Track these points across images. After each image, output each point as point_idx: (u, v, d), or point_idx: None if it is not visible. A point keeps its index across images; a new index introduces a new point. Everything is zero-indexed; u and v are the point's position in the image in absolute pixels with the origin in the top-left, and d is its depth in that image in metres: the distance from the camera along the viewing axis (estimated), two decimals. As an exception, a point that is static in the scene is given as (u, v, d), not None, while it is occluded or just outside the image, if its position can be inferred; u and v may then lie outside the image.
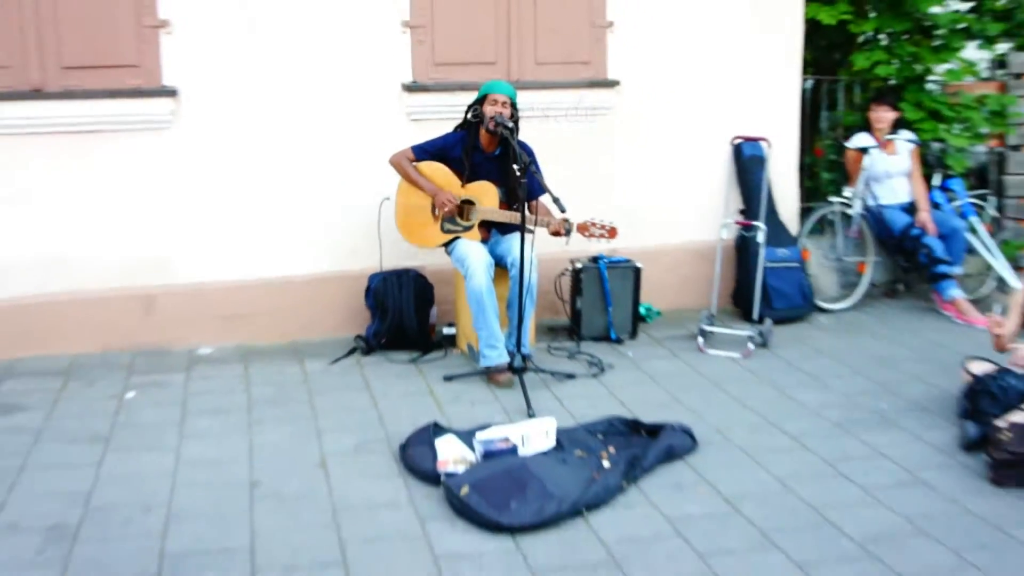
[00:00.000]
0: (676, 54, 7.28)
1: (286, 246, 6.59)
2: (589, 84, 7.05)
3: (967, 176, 8.64)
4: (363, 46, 6.58)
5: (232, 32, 6.35)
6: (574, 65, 7.02)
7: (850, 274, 7.94)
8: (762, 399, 5.75)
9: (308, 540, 4.01)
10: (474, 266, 5.89)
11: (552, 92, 6.92)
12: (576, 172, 6.88)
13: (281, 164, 6.51)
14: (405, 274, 6.49)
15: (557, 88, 6.95)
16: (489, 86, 6.08)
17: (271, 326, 6.57)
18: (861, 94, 8.58)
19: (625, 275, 6.81)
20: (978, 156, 9.01)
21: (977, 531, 4.25)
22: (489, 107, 6.00)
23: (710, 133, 7.46)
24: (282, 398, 5.60)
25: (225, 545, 3.96)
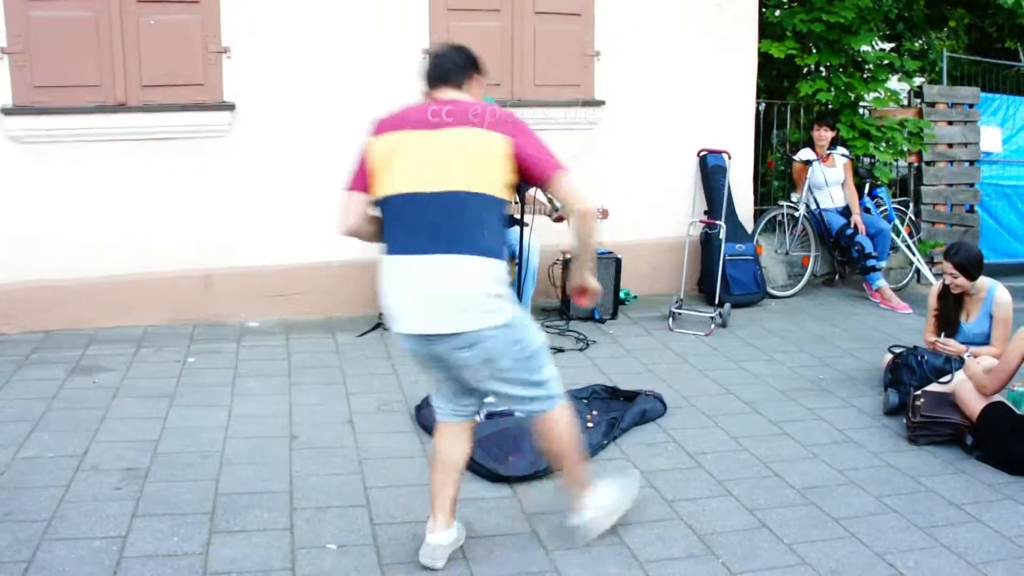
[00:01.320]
0: (654, 79, 7.26)
1: (322, 235, 6.31)
2: (577, 103, 7.03)
3: (891, 186, 8.65)
4: (389, 68, 6.50)
5: (281, 56, 6.32)
6: (566, 88, 7.00)
7: (795, 266, 7.93)
8: (721, 370, 5.74)
9: (338, 485, 4.01)
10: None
11: (547, 110, 6.90)
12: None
13: (320, 165, 6.43)
14: None
15: (551, 106, 6.93)
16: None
17: (309, 304, 6.54)
18: (805, 116, 8.55)
19: (608, 265, 6.76)
20: (900, 170, 9.02)
21: (896, 481, 4.27)
22: None
23: (680, 146, 7.44)
24: (317, 365, 5.58)
25: (268, 488, 3.95)
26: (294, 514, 3.73)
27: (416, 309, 3.10)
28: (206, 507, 3.75)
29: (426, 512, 3.58)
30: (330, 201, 6.26)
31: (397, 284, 3.13)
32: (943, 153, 8.70)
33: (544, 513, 3.82)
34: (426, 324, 3.09)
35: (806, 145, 7.97)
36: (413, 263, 3.10)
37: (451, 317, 3.08)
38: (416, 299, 3.11)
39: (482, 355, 3.14)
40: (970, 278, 5.22)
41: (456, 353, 3.13)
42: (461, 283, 3.08)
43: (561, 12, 6.88)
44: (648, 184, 7.36)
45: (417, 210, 3.10)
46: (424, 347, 3.16)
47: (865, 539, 3.72)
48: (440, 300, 3.07)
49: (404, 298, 3.12)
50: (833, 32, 8.00)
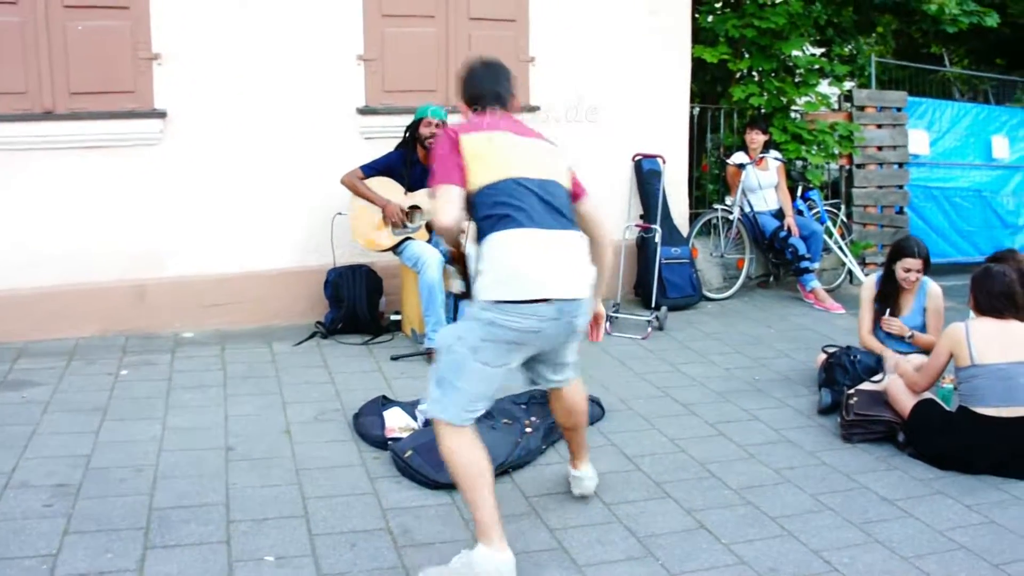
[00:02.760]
0: (588, 85, 7.28)
1: (258, 244, 6.48)
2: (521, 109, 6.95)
3: (823, 188, 8.79)
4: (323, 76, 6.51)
5: (212, 63, 6.24)
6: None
7: (731, 268, 8.01)
8: (658, 373, 5.78)
9: (275, 496, 3.96)
10: (428, 262, 5.81)
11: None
12: None
13: (253, 175, 6.40)
14: (358, 269, 6.39)
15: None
16: (423, 110, 6.04)
17: (245, 313, 6.45)
18: (738, 120, 8.65)
19: None
20: (832, 172, 9.16)
21: (831, 479, 4.32)
22: (424, 128, 5.96)
23: (616, 151, 7.47)
24: (253, 375, 5.51)
25: (204, 501, 3.89)
26: (231, 527, 3.68)
27: (565, 274, 3.32)
28: (140, 522, 3.68)
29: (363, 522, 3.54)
30: (265, 208, 6.40)
31: (541, 254, 3.30)
32: (873, 156, 8.86)
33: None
34: (574, 288, 3.33)
35: (739, 149, 8.06)
36: (552, 236, 3.34)
37: (584, 283, 3.38)
38: (563, 266, 3.34)
39: (584, 321, 3.46)
40: (928, 271, 5.36)
41: (579, 319, 3.40)
42: (582, 254, 3.42)
43: (496, 18, 6.86)
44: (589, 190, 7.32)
45: (536, 192, 3.39)
46: (564, 314, 3.32)
47: (801, 537, 3.76)
48: (576, 268, 3.37)
49: (552, 265, 3.31)
50: (765, 37, 8.11)
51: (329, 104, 6.54)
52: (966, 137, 9.63)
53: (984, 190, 9.75)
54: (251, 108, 6.37)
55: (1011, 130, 10.00)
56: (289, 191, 6.52)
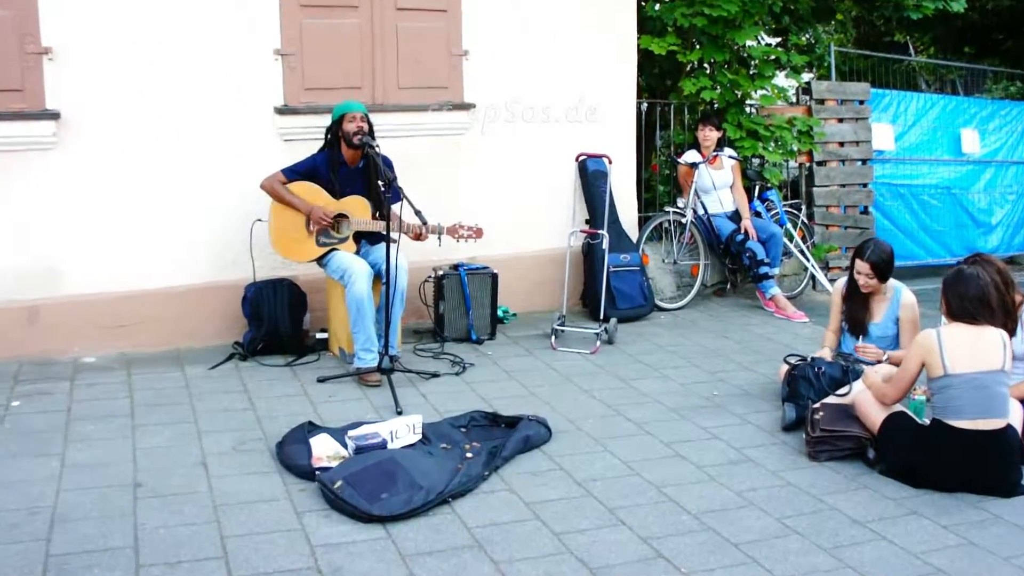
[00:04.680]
0: (527, 79, 7.33)
1: (166, 259, 6.41)
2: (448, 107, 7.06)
3: (782, 188, 8.92)
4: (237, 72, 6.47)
5: (112, 58, 6.16)
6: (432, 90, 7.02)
7: (685, 276, 8.08)
8: (609, 390, 5.80)
9: (190, 536, 3.89)
10: (356, 274, 5.80)
11: (411, 115, 6.95)
12: (435, 186, 6.91)
13: (161, 183, 6.34)
14: (280, 284, 6.37)
15: (416, 111, 6.96)
16: (342, 106, 6.04)
17: (153, 335, 6.38)
18: (690, 116, 8.74)
19: (484, 281, 6.80)
20: (791, 171, 9.29)
21: (797, 500, 4.36)
22: (348, 124, 5.95)
23: (557, 151, 7.51)
24: (163, 402, 5.43)
25: (109, 544, 3.81)
26: (140, 572, 3.61)
27: None
28: (35, 570, 3.59)
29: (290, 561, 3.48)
30: (174, 218, 6.35)
31: None
32: (834, 152, 9.02)
33: (422, 555, 3.78)
34: None
35: (691, 147, 8.15)
36: None
37: None
38: None
39: None
40: (883, 278, 5.41)
41: None
42: None
43: (425, 8, 6.89)
44: (525, 193, 7.43)
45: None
46: None
47: (767, 564, 3.79)
48: None
49: None
50: (716, 27, 8.18)
51: (244, 103, 6.51)
52: (933, 131, 9.87)
53: (954, 187, 10.00)
54: (157, 108, 6.29)
55: (981, 122, 10.24)
56: (201, 198, 6.46)
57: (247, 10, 6.44)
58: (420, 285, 6.80)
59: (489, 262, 6.94)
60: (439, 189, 6.92)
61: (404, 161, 6.34)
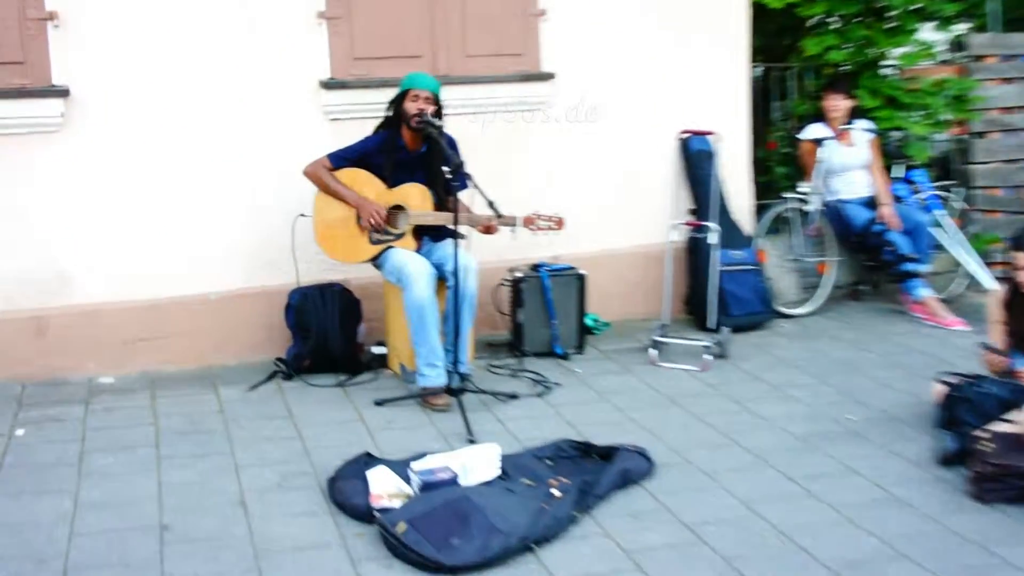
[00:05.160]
0: (617, 44, 7.29)
1: (195, 261, 6.49)
2: (522, 78, 7.06)
3: (930, 166, 8.69)
4: (272, 40, 6.54)
5: (131, 26, 6.25)
6: (504, 57, 7.03)
7: (811, 275, 7.96)
8: (722, 414, 5.74)
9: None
10: (415, 275, 5.81)
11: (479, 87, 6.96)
12: (508, 172, 6.90)
13: (188, 172, 6.42)
14: (328, 289, 6.41)
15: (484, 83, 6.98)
16: (410, 79, 6.04)
17: (180, 350, 6.46)
18: (814, 81, 8.62)
19: (569, 284, 6.77)
20: (941, 145, 9.06)
21: (961, 552, 4.22)
22: (410, 103, 5.96)
23: (655, 127, 7.48)
24: (194, 430, 5.47)
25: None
26: (168, 632, 3.63)
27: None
28: (47, 630, 3.63)
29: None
30: (202, 213, 6.41)
31: None
32: (996, 120, 8.78)
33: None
34: None
35: (816, 119, 8.02)
36: None
37: None
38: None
39: None
40: None
41: None
42: None
43: (495, -39, 6.97)
44: (615, 178, 7.43)
45: None
46: None
47: (923, 627, 3.70)
48: None
49: None
50: (845, -29, 8.10)
51: (283, 77, 6.58)
52: None
53: None
54: (181, 84, 6.36)
55: None
56: (234, 190, 6.55)
57: (287, -34, 6.52)
58: (493, 289, 6.81)
59: (575, 261, 6.92)
60: (513, 174, 6.93)
61: (471, 142, 6.32)
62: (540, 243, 6.38)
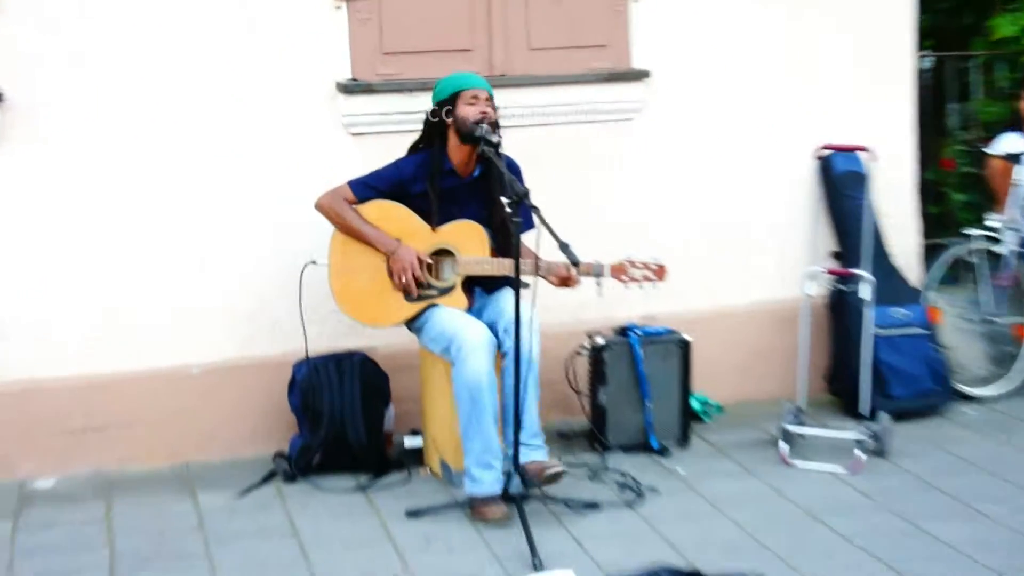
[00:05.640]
0: (730, 33, 7.33)
1: (170, 321, 6.53)
2: (605, 77, 7.05)
3: None
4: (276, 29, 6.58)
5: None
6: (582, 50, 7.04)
7: (1004, 342, 7.85)
8: (883, 536, 5.61)
9: None
10: (469, 344, 5.72)
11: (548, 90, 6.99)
12: (587, 203, 6.96)
13: (160, 201, 6.45)
14: (347, 360, 6.42)
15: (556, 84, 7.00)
16: (458, 80, 5.99)
17: (147, 443, 6.49)
18: (1007, 75, 8.60)
19: (668, 353, 6.71)
20: None
21: None
22: (466, 107, 5.90)
23: (783, 141, 7.48)
24: (163, 553, 5.44)
25: None
26: None
27: None
28: None
29: None
30: (180, 256, 6.58)
31: None
32: None
33: None
34: None
35: (1010, 127, 7.91)
36: None
37: None
38: None
39: None
40: None
41: None
42: None
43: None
44: (732, 211, 7.41)
45: None
46: None
47: None
48: None
49: None
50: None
51: (287, 78, 6.60)
52: None
53: None
54: (152, 89, 6.39)
55: None
56: (221, 226, 6.56)
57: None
58: (567, 360, 6.75)
59: (677, 322, 6.88)
60: (593, 206, 7.00)
61: (537, 162, 6.38)
62: (629, 298, 6.22)
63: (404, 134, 6.26)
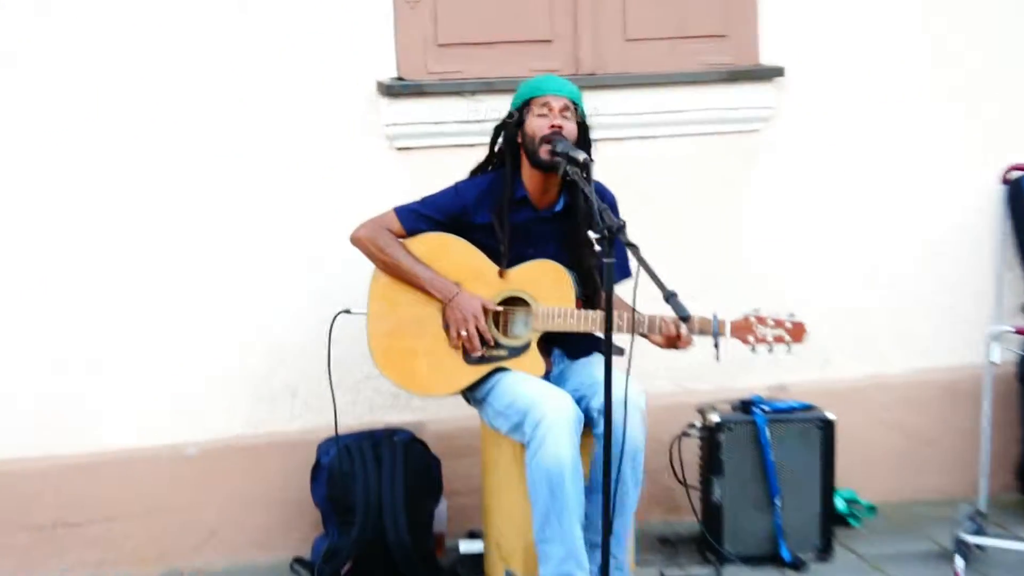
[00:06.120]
0: (889, 22, 7.31)
1: (163, 388, 6.57)
2: (725, 76, 7.06)
3: None
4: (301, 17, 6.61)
5: None
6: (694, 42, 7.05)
7: None
8: None
9: None
10: (551, 419, 5.59)
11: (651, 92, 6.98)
12: (699, 237, 7.11)
13: (149, 230, 6.52)
14: (387, 440, 6.45)
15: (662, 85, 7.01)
16: (536, 84, 5.99)
17: (130, 542, 6.53)
18: None
19: (805, 436, 6.67)
20: None
21: None
22: (536, 120, 5.88)
23: (957, 160, 7.45)
24: None
25: None
26: None
27: None
28: None
29: None
30: (177, 302, 6.66)
31: None
32: None
33: None
34: None
35: None
36: None
37: None
38: None
39: None
40: None
41: None
42: None
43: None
44: (887, 250, 7.49)
45: None
46: None
47: None
48: None
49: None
50: None
51: (314, 77, 6.69)
52: None
53: None
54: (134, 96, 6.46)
55: None
56: (229, 263, 6.65)
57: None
58: (673, 443, 6.77)
59: (815, 395, 6.90)
60: (708, 245, 7.11)
61: (635, 186, 6.51)
62: (755, 363, 6.23)
63: (464, 149, 6.33)
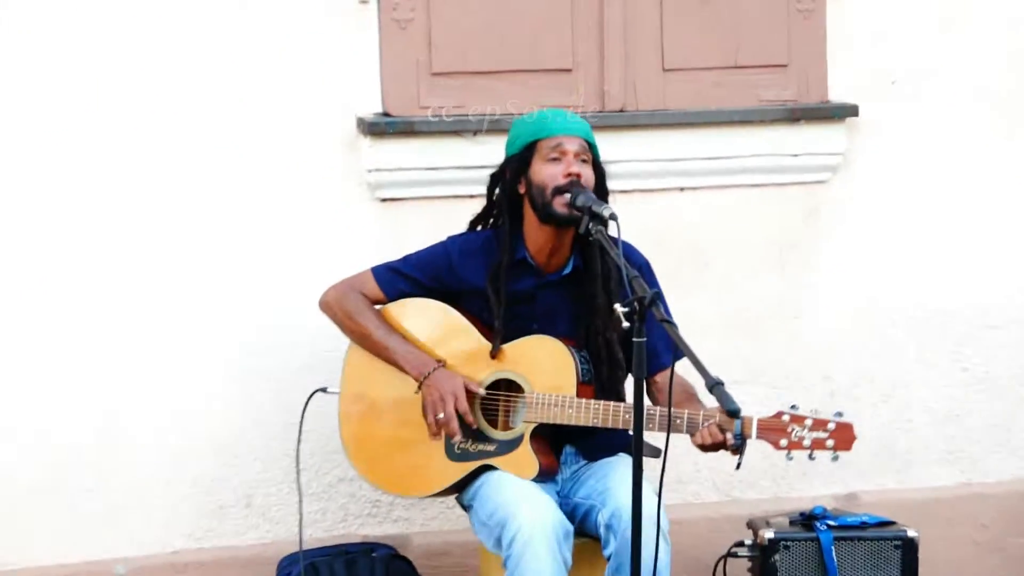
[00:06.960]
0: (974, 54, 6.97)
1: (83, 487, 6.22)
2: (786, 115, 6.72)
3: None
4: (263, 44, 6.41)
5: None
6: (746, 73, 6.71)
7: None
8: None
9: None
10: (525, 535, 5.15)
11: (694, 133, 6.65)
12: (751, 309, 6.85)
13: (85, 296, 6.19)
14: (363, 557, 6.13)
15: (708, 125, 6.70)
16: (541, 123, 5.49)
17: None
18: None
19: (881, 556, 6.16)
20: None
21: None
22: (546, 166, 5.27)
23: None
24: None
25: None
26: None
27: None
28: None
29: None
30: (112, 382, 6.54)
31: None
32: None
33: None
34: None
35: None
36: None
37: None
38: None
39: None
40: None
41: None
42: None
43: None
44: (984, 332, 7.10)
45: None
46: None
47: None
48: None
49: None
50: None
51: (283, 112, 6.41)
52: None
53: None
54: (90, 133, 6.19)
55: None
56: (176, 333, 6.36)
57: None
58: (717, 565, 6.41)
59: (892, 508, 6.52)
60: (761, 320, 6.90)
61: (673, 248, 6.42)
62: (818, 468, 5.86)
63: (462, 201, 6.12)
